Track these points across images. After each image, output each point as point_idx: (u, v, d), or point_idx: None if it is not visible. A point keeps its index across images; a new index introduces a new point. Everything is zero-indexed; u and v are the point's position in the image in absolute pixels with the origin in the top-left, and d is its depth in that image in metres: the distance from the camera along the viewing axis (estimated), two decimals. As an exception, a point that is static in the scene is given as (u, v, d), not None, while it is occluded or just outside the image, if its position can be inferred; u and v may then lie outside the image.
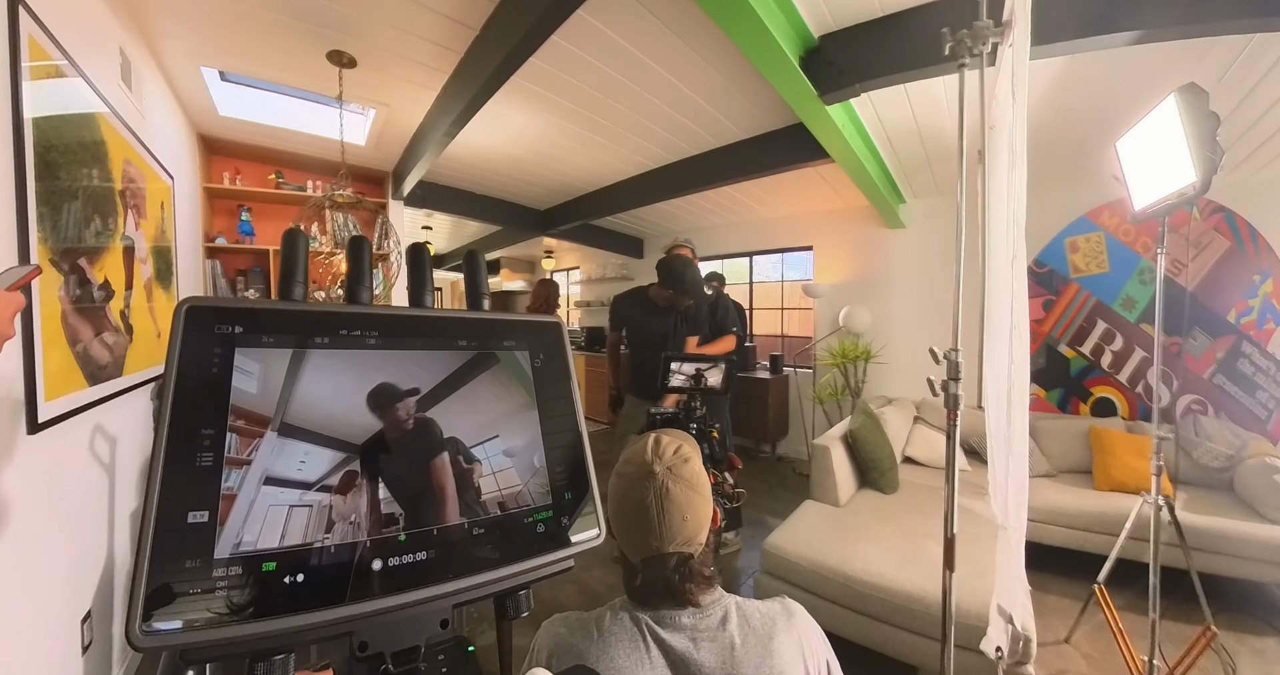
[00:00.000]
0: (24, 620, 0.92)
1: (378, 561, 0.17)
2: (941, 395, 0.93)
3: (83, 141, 1.18)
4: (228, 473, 0.17)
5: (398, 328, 0.22)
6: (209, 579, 0.15)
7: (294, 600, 0.16)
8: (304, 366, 0.19)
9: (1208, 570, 1.72)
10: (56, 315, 1.05)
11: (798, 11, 1.42)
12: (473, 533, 0.20)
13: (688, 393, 1.32)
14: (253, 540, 0.17)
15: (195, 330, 0.18)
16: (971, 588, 1.24)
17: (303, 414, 0.19)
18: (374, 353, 0.21)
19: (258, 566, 0.16)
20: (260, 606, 0.16)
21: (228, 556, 0.16)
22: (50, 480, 1.04)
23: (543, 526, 0.22)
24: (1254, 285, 2.33)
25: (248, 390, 0.18)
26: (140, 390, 1.59)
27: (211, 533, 0.16)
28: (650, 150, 2.59)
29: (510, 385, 0.24)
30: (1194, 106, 1.13)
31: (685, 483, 0.51)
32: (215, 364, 0.18)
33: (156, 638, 0.14)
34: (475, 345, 0.24)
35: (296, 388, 0.19)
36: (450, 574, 0.19)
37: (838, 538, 1.58)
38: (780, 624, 0.52)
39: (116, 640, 1.32)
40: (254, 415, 0.18)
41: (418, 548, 0.19)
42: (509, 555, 0.20)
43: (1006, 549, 0.91)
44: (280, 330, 0.19)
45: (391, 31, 1.60)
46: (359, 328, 0.21)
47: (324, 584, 0.17)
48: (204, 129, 2.40)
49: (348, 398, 0.19)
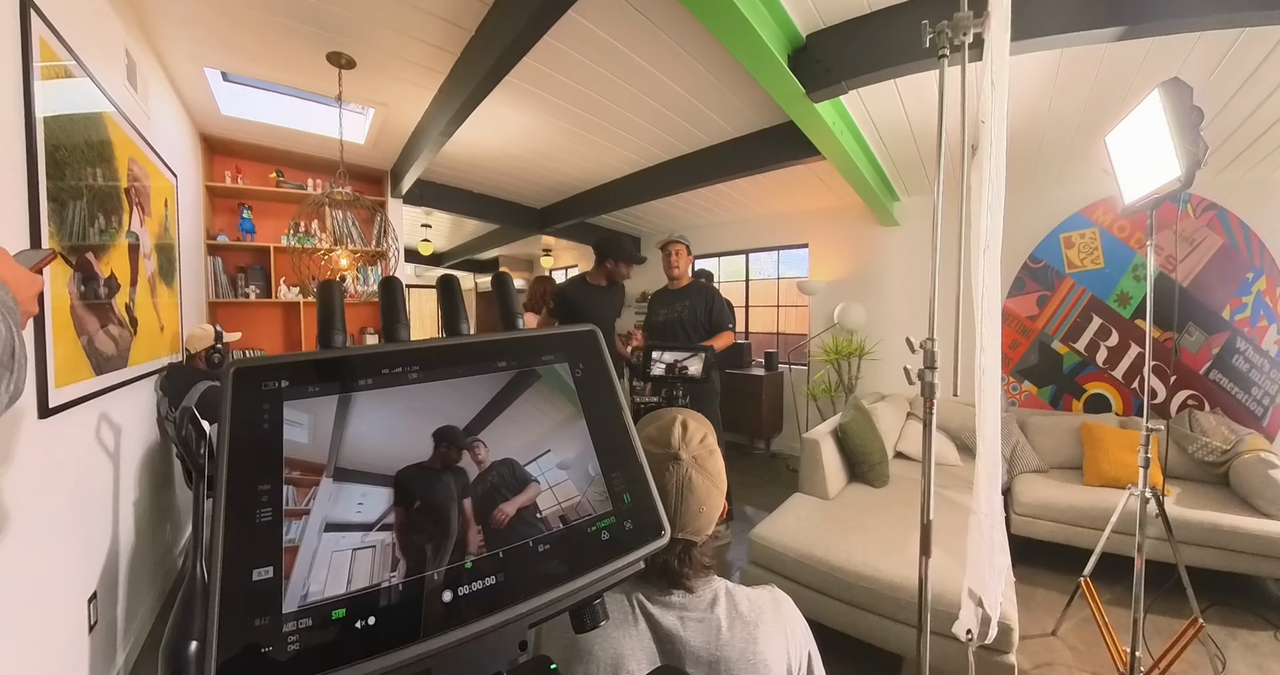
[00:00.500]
0: (33, 599, 0.96)
1: (448, 593, 0.18)
2: (919, 384, 0.95)
3: (90, 140, 1.22)
4: (288, 525, 0.17)
5: (437, 359, 0.22)
6: (279, 634, 0.15)
7: (368, 644, 0.16)
8: (351, 410, 0.19)
9: (1200, 564, 1.73)
10: (65, 307, 1.09)
11: (785, 11, 1.44)
12: (539, 549, 0.20)
13: (668, 381, 1.35)
14: (319, 590, 0.16)
15: (243, 390, 0.18)
16: (956, 577, 1.25)
17: (355, 457, 0.19)
18: (417, 387, 0.21)
19: (328, 615, 0.16)
20: (334, 656, 0.15)
21: (296, 609, 0.15)
22: (58, 464, 1.08)
23: (607, 534, 0.21)
24: (1247, 282, 2.33)
25: (299, 441, 0.18)
26: (144, 381, 1.63)
27: (278, 587, 0.16)
28: (644, 148, 2.62)
29: (555, 399, 0.24)
30: (1177, 101, 1.14)
31: (708, 475, 0.52)
32: (265, 420, 0.18)
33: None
34: (515, 364, 0.23)
35: (346, 432, 0.19)
36: (522, 595, 0.18)
37: (824, 529, 1.60)
38: (768, 612, 0.53)
39: (120, 621, 1.35)
40: (308, 464, 0.18)
41: (486, 573, 0.18)
42: (577, 567, 0.20)
43: (977, 533, 0.93)
44: (324, 379, 0.19)
45: (389, 33, 1.63)
46: (400, 365, 0.21)
47: (396, 624, 0.16)
48: (206, 128, 2.44)
49: (397, 434, 0.20)
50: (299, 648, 0.15)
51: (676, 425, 0.54)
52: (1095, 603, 1.46)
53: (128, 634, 1.39)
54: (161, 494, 1.76)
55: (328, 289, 0.21)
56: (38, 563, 0.98)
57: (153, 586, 1.63)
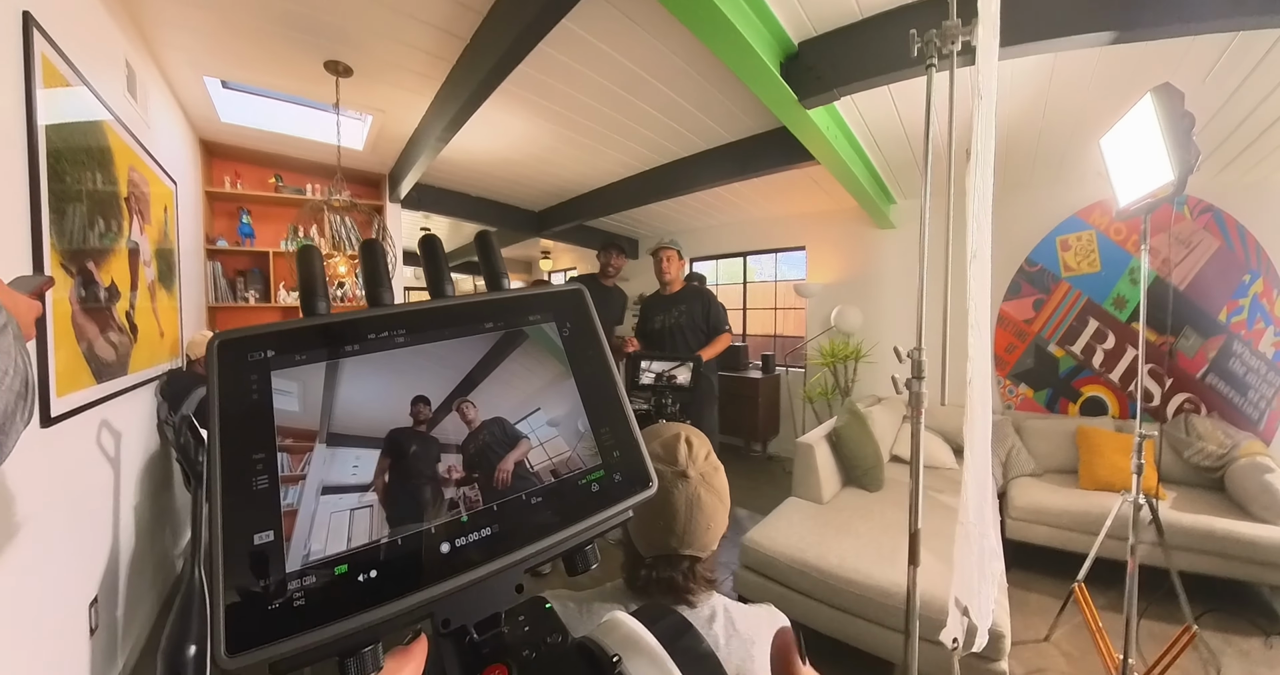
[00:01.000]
0: (39, 603, 0.98)
1: (445, 545, 0.18)
2: (905, 393, 0.96)
3: (90, 151, 1.23)
4: (285, 490, 0.17)
5: (423, 322, 0.22)
6: (285, 592, 0.16)
7: (372, 595, 0.16)
8: (340, 376, 0.19)
9: (1195, 570, 1.72)
10: (66, 315, 1.10)
11: (777, 20, 1.45)
12: (531, 502, 0.20)
13: (657, 389, 1.36)
14: (321, 548, 0.17)
15: (229, 362, 0.18)
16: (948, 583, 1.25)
17: (347, 422, 0.19)
18: (405, 350, 0.21)
19: (331, 571, 0.16)
20: (340, 608, 0.16)
21: (300, 567, 0.16)
22: (61, 471, 1.09)
23: (597, 486, 0.22)
24: (1244, 285, 2.32)
25: (290, 409, 0.18)
26: (144, 388, 1.65)
27: (280, 549, 0.16)
28: (640, 153, 2.63)
29: (543, 358, 0.24)
30: (1169, 106, 1.14)
31: (716, 493, 0.53)
32: (254, 390, 0.18)
33: (242, 657, 0.14)
34: (502, 325, 0.23)
35: (337, 398, 0.19)
36: (517, 543, 0.19)
37: (817, 534, 1.61)
38: (765, 631, 0.53)
39: (121, 625, 1.37)
40: (300, 431, 0.18)
41: (481, 525, 0.19)
42: (569, 517, 0.21)
43: (965, 543, 0.94)
44: (310, 347, 0.19)
45: (386, 42, 1.65)
46: (386, 329, 0.21)
47: (397, 575, 0.17)
48: (205, 134, 2.46)
49: (387, 398, 0.20)
50: (305, 602, 0.15)
51: (681, 443, 0.54)
52: (1089, 608, 1.47)
53: (127, 637, 1.41)
54: (161, 498, 1.78)
55: (307, 255, 0.20)
56: (40, 568, 0.99)
57: (152, 590, 1.64)
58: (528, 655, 0.19)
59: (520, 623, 0.20)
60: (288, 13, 1.50)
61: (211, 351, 0.18)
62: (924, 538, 0.98)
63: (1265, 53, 1.48)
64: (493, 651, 0.19)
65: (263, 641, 0.15)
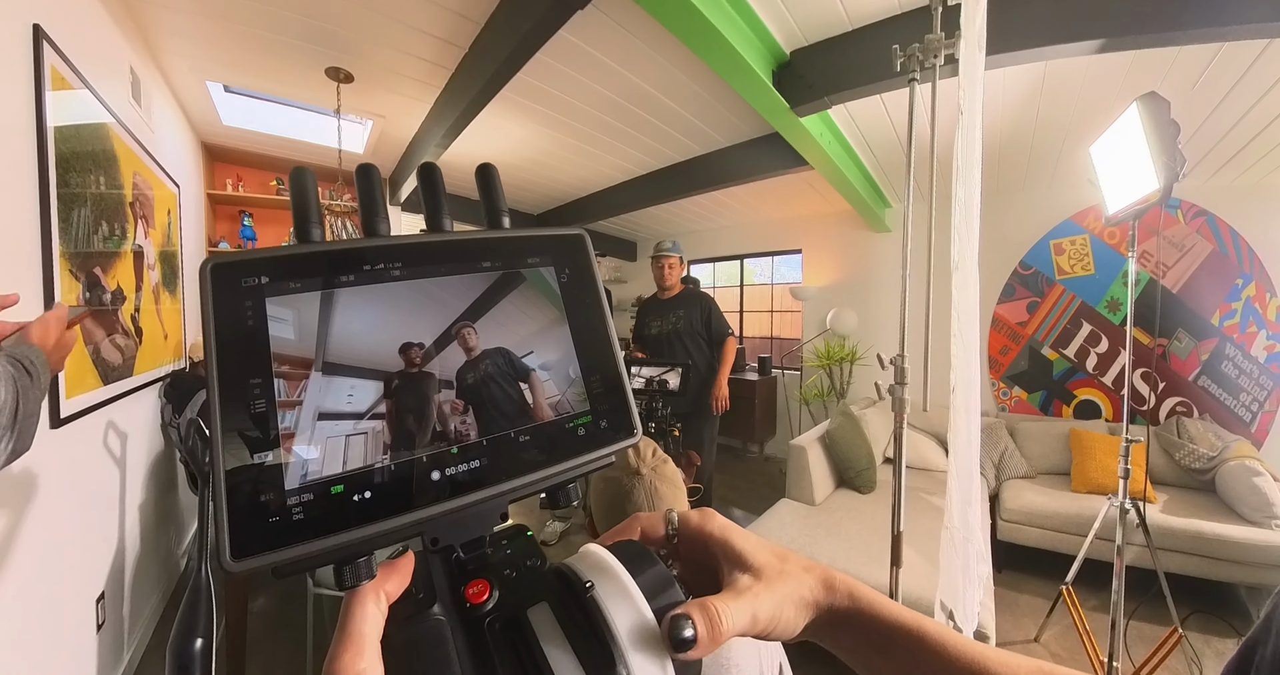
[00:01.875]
0: (45, 599, 1.01)
1: (435, 472, 0.19)
2: (889, 399, 0.98)
3: (97, 158, 1.27)
4: (282, 414, 0.18)
5: (419, 256, 0.21)
6: (285, 506, 0.16)
7: (366, 513, 0.17)
8: (335, 306, 0.19)
9: (1183, 571, 1.74)
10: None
11: (768, 30, 1.47)
12: (519, 440, 0.21)
13: (648, 394, 1.39)
14: (318, 469, 0.17)
15: (223, 288, 0.18)
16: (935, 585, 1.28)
17: (342, 351, 0.19)
18: (400, 284, 0.21)
19: (327, 491, 0.17)
20: (336, 523, 0.17)
21: (299, 486, 0.17)
22: (69, 471, 1.13)
23: (583, 430, 0.22)
24: (1236, 289, 2.34)
25: (285, 337, 0.18)
26: (149, 390, 1.68)
27: (279, 468, 0.17)
28: (637, 158, 2.66)
29: (539, 302, 0.24)
30: (1155, 115, 1.16)
31: (668, 480, 0.58)
32: (249, 316, 0.18)
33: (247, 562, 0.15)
34: (500, 265, 0.23)
35: (332, 327, 0.19)
36: (504, 476, 0.20)
37: (808, 535, 1.64)
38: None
39: (127, 620, 1.40)
40: (296, 359, 0.18)
41: (470, 457, 0.20)
42: (554, 457, 0.21)
43: (950, 548, 0.96)
44: (305, 274, 0.19)
45: (385, 50, 1.68)
46: (381, 261, 0.20)
47: (390, 497, 0.18)
48: (208, 138, 2.50)
49: (382, 331, 0.20)
50: (304, 517, 0.16)
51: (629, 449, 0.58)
52: (1076, 610, 1.49)
53: (134, 632, 1.44)
54: (165, 497, 1.81)
55: (300, 177, 0.19)
56: (50, 565, 1.03)
57: (158, 586, 1.68)
58: (508, 574, 0.20)
59: (503, 546, 0.21)
60: (290, 21, 1.53)
61: (205, 275, 0.17)
62: (913, 539, 1.00)
63: (1253, 61, 1.50)
64: (477, 568, 0.20)
65: (264, 549, 0.16)
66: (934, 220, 1.00)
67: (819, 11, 1.41)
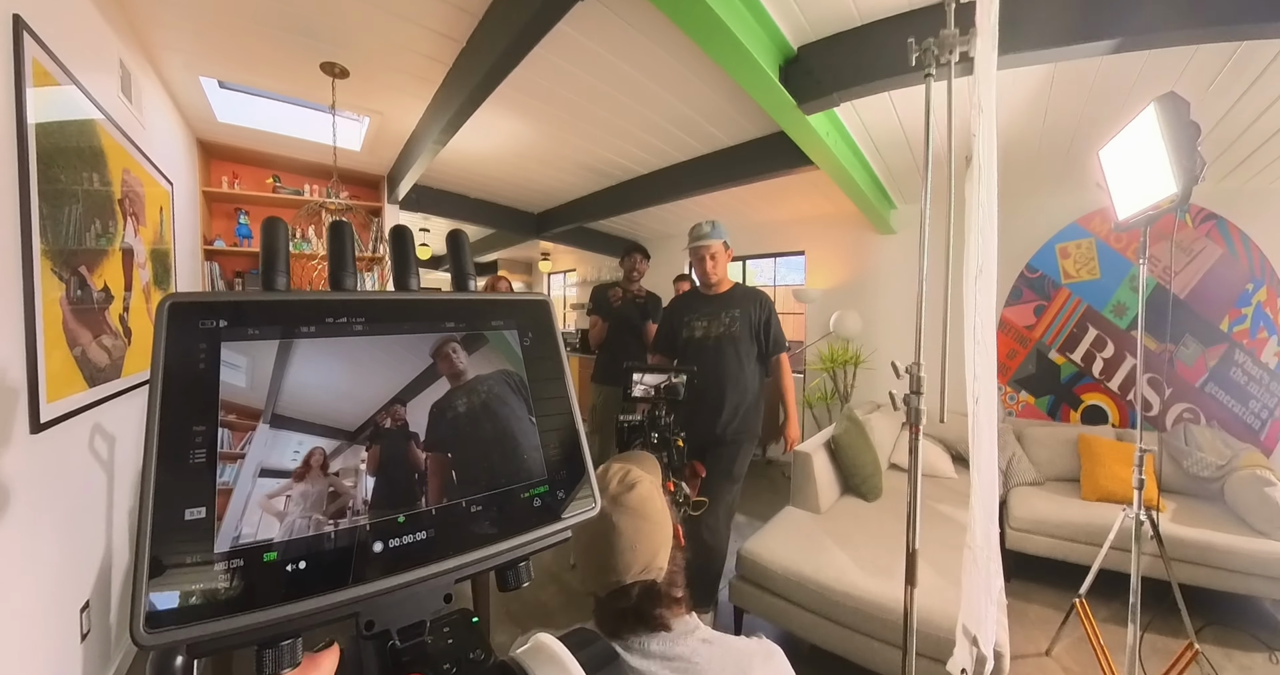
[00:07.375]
0: (28, 609, 0.96)
1: (378, 544, 0.18)
2: (904, 409, 0.94)
3: (82, 154, 1.22)
4: (222, 468, 0.17)
5: (383, 313, 0.21)
6: (210, 573, 0.15)
7: (298, 587, 0.16)
8: (292, 357, 0.19)
9: (1194, 582, 1.70)
10: (58, 320, 1.09)
11: (776, 24, 1.44)
12: (470, 510, 0.20)
13: (651, 401, 1.34)
14: (252, 533, 0.16)
15: (179, 327, 0.17)
16: (945, 599, 1.24)
17: (294, 404, 0.18)
18: (362, 339, 0.20)
19: (259, 557, 0.16)
20: (265, 596, 0.16)
21: (228, 550, 0.16)
22: (52, 477, 1.08)
23: (539, 501, 0.22)
24: (1247, 293, 2.31)
25: (236, 384, 0.18)
26: (138, 391, 1.63)
27: (210, 528, 0.16)
28: (639, 156, 2.62)
29: (500, 365, 0.24)
30: (1174, 116, 1.12)
31: (630, 511, 0.52)
32: (202, 360, 0.17)
33: (161, 635, 0.14)
34: (463, 326, 0.23)
35: (286, 378, 0.19)
36: (450, 551, 0.19)
37: (814, 545, 1.59)
38: (757, 664, 0.52)
39: (114, 630, 1.36)
40: (245, 408, 0.18)
41: (417, 528, 0.19)
42: (507, 530, 0.20)
43: (973, 568, 0.91)
44: (265, 322, 0.19)
45: (382, 44, 1.64)
46: (345, 315, 0.20)
47: (328, 569, 0.17)
48: (203, 134, 2.45)
49: (338, 386, 0.20)
50: (230, 586, 0.15)
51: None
52: (1090, 624, 1.44)
53: (120, 642, 1.40)
54: (152, 502, 1.77)
55: (272, 227, 0.20)
56: (31, 573, 0.98)
57: (142, 595, 1.63)
58: (448, 669, 0.19)
59: (445, 634, 0.20)
60: (284, 15, 1.48)
61: (162, 312, 0.17)
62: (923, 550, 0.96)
63: (1270, 61, 1.46)
64: (413, 660, 0.18)
65: (182, 621, 0.14)
66: (952, 221, 0.96)
67: (828, 5, 1.38)
